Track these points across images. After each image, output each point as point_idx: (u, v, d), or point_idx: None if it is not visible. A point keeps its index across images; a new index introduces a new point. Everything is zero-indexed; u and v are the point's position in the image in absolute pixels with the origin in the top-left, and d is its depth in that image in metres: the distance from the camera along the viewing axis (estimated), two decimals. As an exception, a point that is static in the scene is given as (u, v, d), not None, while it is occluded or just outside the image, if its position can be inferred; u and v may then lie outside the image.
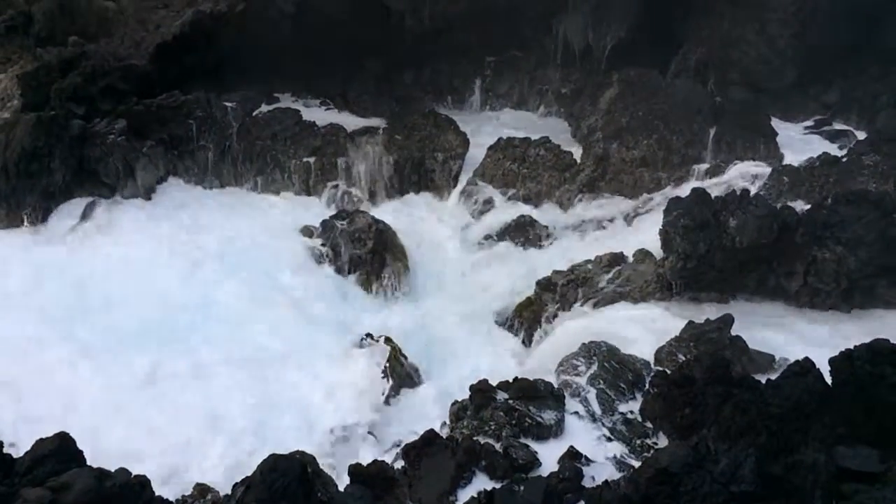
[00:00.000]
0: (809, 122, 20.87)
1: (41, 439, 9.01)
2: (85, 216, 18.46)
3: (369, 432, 13.39)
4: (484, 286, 17.71)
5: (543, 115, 22.78)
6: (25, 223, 18.20)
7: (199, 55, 21.89)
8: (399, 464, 11.53)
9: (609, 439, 12.10)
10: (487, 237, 18.67)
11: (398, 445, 12.38)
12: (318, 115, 22.10)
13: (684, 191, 16.56)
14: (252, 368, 14.70)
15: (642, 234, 16.98)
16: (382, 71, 23.32)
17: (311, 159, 20.56)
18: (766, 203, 14.47)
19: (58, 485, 7.98)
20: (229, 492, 9.52)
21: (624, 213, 18.14)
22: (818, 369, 9.33)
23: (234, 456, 12.73)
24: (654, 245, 15.71)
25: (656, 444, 11.81)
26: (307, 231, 18.62)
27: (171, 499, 10.09)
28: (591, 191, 18.75)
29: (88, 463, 8.84)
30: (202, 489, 11.33)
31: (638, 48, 21.38)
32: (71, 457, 8.78)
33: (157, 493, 8.98)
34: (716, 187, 16.95)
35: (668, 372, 12.42)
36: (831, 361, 9.30)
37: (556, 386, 12.84)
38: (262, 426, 13.57)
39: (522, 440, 11.62)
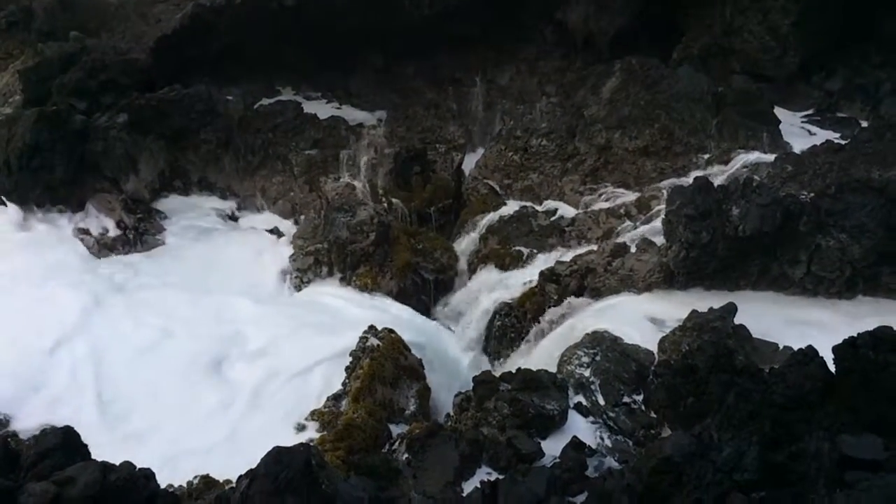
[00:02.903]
0: (812, 110, 20.78)
1: (45, 433, 9.05)
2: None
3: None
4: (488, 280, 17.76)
5: (545, 105, 22.69)
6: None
7: (199, 48, 21.90)
8: (403, 455, 11.57)
9: (612, 429, 12.12)
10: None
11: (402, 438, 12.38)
12: (320, 107, 22.14)
13: (687, 180, 16.53)
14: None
15: (645, 223, 16.99)
16: (383, 63, 23.30)
17: (313, 152, 20.56)
18: (770, 191, 14.41)
19: (62, 479, 7.99)
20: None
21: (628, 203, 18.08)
22: (821, 357, 9.30)
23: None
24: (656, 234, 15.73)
25: (660, 433, 11.83)
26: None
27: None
28: (595, 181, 18.71)
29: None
30: (207, 481, 11.37)
31: (640, 37, 21.33)
32: (75, 451, 8.80)
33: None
34: (719, 176, 16.91)
35: (672, 361, 12.41)
36: (835, 349, 9.26)
37: (559, 376, 12.84)
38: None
39: (526, 431, 11.64)
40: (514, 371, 12.87)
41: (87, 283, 16.97)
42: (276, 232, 19.78)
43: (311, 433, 12.98)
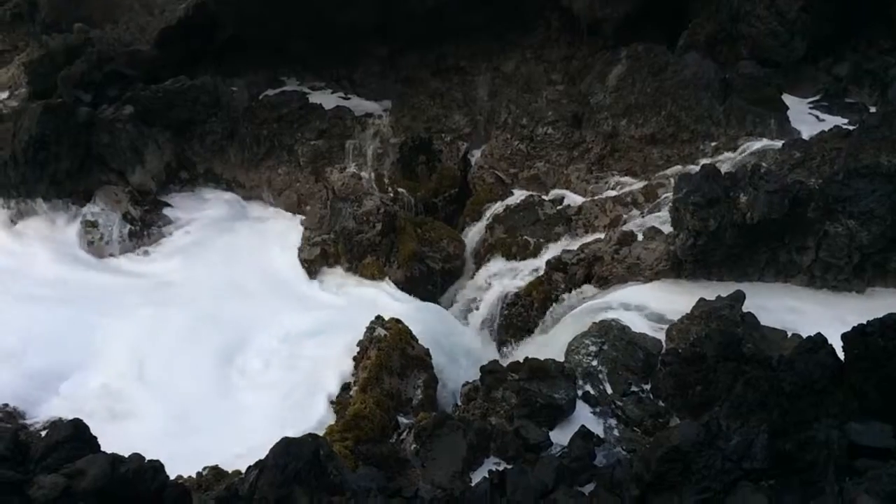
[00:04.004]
0: (820, 96, 20.61)
1: (55, 425, 9.08)
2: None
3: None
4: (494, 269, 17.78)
5: (551, 93, 22.58)
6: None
7: (204, 39, 21.85)
8: (411, 445, 11.59)
9: (620, 418, 12.11)
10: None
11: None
12: (325, 98, 22.06)
13: (694, 168, 16.47)
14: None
15: (652, 211, 16.93)
16: (387, 53, 23.17)
17: (319, 142, 20.53)
18: (777, 178, 14.33)
19: (72, 471, 8.03)
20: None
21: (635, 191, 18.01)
22: (830, 345, 9.28)
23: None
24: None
25: (668, 422, 11.82)
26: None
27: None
28: (601, 170, 18.65)
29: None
30: (217, 473, 11.41)
31: (646, 23, 21.14)
32: (85, 443, 8.83)
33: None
34: (726, 163, 16.82)
35: (680, 350, 12.38)
36: (844, 337, 9.24)
37: (566, 366, 12.83)
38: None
39: (534, 420, 11.64)
40: (521, 360, 12.86)
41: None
42: (281, 222, 19.81)
43: (320, 423, 13.04)
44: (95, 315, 15.74)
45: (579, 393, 12.41)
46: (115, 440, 9.48)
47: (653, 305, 14.10)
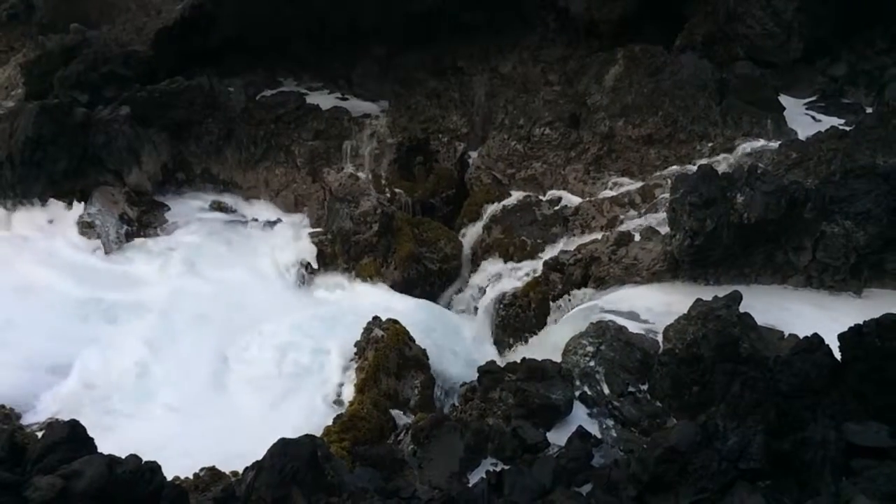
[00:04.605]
0: (816, 97, 20.65)
1: (51, 427, 9.06)
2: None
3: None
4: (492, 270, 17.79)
5: (548, 94, 22.58)
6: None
7: (200, 40, 21.82)
8: (409, 446, 11.58)
9: (618, 419, 12.11)
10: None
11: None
12: (322, 98, 22.06)
13: (691, 168, 16.48)
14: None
15: (649, 212, 16.94)
16: (385, 53, 23.17)
17: (316, 142, 20.52)
18: (774, 178, 14.34)
19: (69, 472, 8.00)
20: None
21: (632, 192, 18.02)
22: (827, 345, 9.29)
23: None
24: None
25: (665, 423, 11.82)
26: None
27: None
28: (598, 170, 18.65)
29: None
30: (214, 474, 11.40)
31: (642, 24, 21.16)
32: (82, 444, 8.81)
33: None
34: (723, 163, 16.84)
35: (677, 350, 12.38)
36: (841, 337, 9.26)
37: (564, 366, 12.83)
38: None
39: (531, 421, 11.63)
40: (519, 361, 12.86)
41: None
42: (279, 223, 19.79)
43: (318, 424, 13.03)
44: (92, 316, 15.76)
45: (576, 393, 12.41)
46: (111, 441, 9.47)
47: (650, 306, 14.10)
